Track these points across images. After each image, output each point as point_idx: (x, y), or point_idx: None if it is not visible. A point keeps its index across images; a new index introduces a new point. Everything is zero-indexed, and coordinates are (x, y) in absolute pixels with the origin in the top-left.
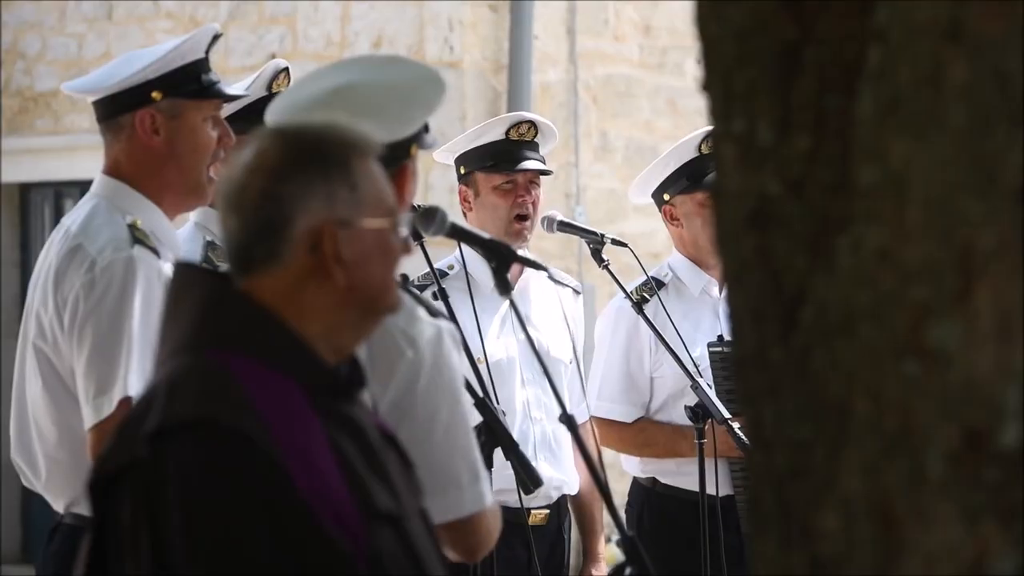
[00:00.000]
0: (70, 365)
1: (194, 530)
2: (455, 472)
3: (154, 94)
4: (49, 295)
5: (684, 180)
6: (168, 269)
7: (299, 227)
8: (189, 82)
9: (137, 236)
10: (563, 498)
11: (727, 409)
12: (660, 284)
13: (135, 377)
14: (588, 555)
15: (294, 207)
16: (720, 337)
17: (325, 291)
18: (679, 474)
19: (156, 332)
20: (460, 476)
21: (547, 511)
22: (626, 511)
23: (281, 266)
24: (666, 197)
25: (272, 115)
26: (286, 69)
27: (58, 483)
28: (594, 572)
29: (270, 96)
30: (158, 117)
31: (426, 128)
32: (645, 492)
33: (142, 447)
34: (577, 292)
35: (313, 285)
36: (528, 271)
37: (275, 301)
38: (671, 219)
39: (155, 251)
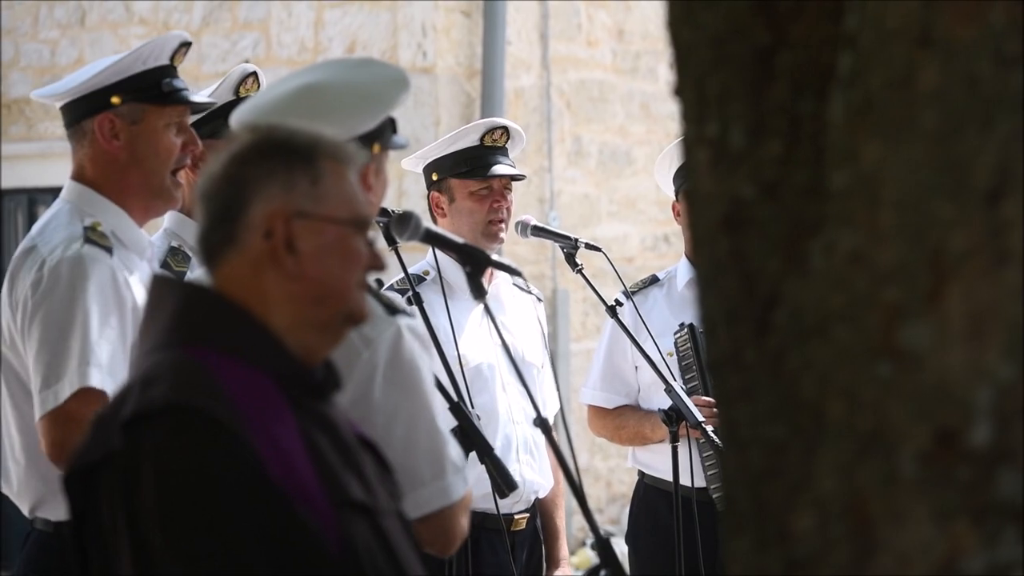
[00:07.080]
0: (27, 365)
1: (169, 511)
2: (416, 469)
3: (113, 99)
4: (6, 298)
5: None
6: (123, 271)
7: (255, 211)
8: (150, 87)
9: (90, 236)
10: (538, 500)
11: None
12: (655, 280)
13: (96, 370)
14: (551, 560)
15: (253, 191)
16: (681, 324)
17: (282, 280)
18: (658, 467)
19: (118, 329)
20: (421, 473)
21: (528, 515)
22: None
23: (237, 251)
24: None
25: (237, 116)
26: (254, 73)
27: (20, 487)
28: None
29: (238, 100)
30: (117, 122)
31: (393, 129)
32: (639, 487)
33: (117, 438)
34: (539, 300)
35: (271, 273)
36: (499, 277)
37: (241, 292)
38: (676, 215)
39: (108, 250)
